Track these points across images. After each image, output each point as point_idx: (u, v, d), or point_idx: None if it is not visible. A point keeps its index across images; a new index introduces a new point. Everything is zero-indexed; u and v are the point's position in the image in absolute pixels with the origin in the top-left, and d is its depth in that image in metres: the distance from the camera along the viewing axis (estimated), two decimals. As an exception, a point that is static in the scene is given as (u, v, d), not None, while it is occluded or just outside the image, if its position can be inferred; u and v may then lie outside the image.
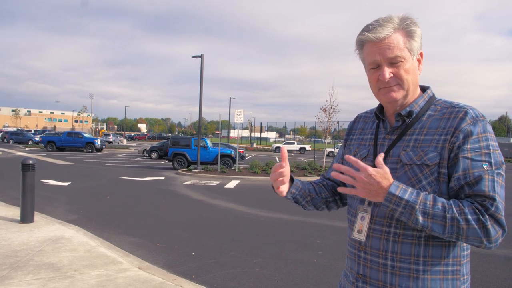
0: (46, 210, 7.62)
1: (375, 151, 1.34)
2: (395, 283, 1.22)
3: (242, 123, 19.39)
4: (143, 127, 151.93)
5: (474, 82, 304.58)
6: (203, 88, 19.37)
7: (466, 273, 1.25)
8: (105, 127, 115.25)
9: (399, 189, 1.13)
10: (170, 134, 75.16)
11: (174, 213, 8.40)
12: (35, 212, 6.51)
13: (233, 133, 71.52)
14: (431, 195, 1.14)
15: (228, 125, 78.09)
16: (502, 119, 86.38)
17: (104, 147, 33.30)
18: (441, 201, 1.12)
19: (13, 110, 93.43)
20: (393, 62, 1.22)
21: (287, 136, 76.96)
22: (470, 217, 1.09)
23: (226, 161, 18.81)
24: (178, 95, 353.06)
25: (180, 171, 17.38)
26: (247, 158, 26.35)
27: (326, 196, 1.51)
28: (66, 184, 12.02)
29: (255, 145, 58.44)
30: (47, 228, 5.99)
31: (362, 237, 1.30)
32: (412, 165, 1.21)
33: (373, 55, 1.24)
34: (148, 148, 27.52)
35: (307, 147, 46.49)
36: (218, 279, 4.40)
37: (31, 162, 6.26)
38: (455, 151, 1.17)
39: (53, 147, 30.13)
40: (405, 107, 1.29)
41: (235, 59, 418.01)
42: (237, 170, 17.13)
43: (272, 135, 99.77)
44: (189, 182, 13.74)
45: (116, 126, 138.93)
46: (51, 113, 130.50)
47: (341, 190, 1.23)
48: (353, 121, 1.54)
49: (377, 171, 1.14)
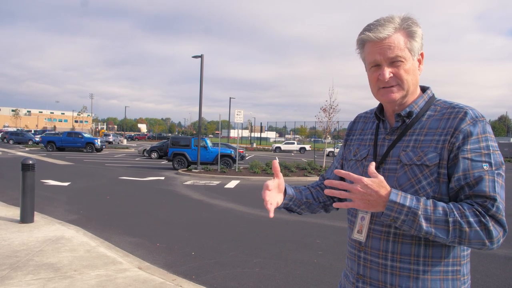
0: (46, 210, 7.62)
1: (375, 152, 1.33)
2: (395, 284, 1.21)
3: (242, 123, 19.42)
4: (143, 127, 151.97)
5: (474, 82, 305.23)
6: (203, 88, 19.42)
7: (467, 273, 1.25)
8: (105, 127, 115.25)
9: (399, 196, 1.11)
10: (170, 134, 75.15)
11: (174, 213, 8.40)
12: (35, 212, 6.51)
13: (233, 133, 71.54)
14: (430, 200, 1.13)
15: (228, 125, 78.09)
16: (502, 119, 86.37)
17: (104, 147, 33.30)
18: (441, 206, 1.11)
19: (13, 110, 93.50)
20: (393, 62, 1.22)
21: (287, 136, 76.94)
22: (472, 219, 1.08)
23: (226, 161, 18.81)
24: (178, 95, 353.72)
25: (180, 171, 17.38)
26: (247, 158, 26.34)
27: (324, 200, 1.49)
28: (66, 184, 12.02)
29: (255, 145, 58.42)
30: (47, 228, 5.99)
31: (362, 237, 1.29)
32: (412, 165, 1.21)
33: (373, 54, 1.24)
34: (148, 148, 27.52)
35: (307, 147, 46.48)
36: (218, 279, 4.40)
37: (31, 162, 6.26)
38: (454, 151, 1.16)
39: (53, 147, 30.13)
40: (405, 107, 1.29)
41: (235, 59, 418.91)
42: (237, 170, 17.14)
43: (272, 135, 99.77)
44: (189, 182, 13.74)
45: (116, 126, 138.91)
46: (51, 113, 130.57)
47: (337, 205, 1.18)
48: (353, 121, 1.54)
49: (372, 181, 1.11)
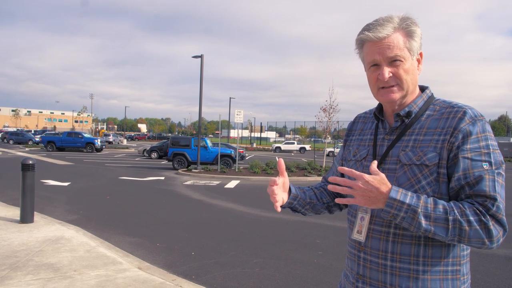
0: (46, 210, 7.62)
1: (374, 152, 1.33)
2: (395, 284, 1.21)
3: (242, 123, 19.42)
4: (143, 127, 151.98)
5: (474, 82, 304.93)
6: (203, 88, 19.42)
7: (466, 273, 1.25)
8: (105, 127, 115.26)
9: (399, 194, 1.11)
10: (170, 134, 75.16)
11: (174, 213, 8.40)
12: (35, 212, 6.51)
13: (233, 133, 71.49)
14: (431, 198, 1.13)
15: (228, 125, 78.06)
16: (502, 119, 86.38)
17: (104, 147, 33.31)
18: (441, 204, 1.11)
19: (13, 110, 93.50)
20: (393, 62, 1.22)
21: (287, 136, 76.95)
22: (472, 218, 1.08)
23: (226, 161, 18.80)
24: (178, 95, 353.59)
25: (180, 171, 17.38)
26: (247, 158, 26.34)
27: (328, 201, 1.50)
28: (66, 184, 12.02)
29: (255, 145, 58.42)
30: (46, 228, 5.98)
31: (361, 237, 1.29)
32: (411, 165, 1.21)
33: (372, 54, 1.24)
34: (148, 148, 27.52)
35: (307, 147, 46.49)
36: (218, 279, 4.39)
37: (31, 162, 6.26)
38: (454, 151, 1.16)
39: (53, 147, 30.13)
40: (404, 107, 1.29)
41: (235, 59, 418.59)
42: (237, 170, 17.13)
43: (272, 135, 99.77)
44: (189, 182, 13.74)
45: (116, 126, 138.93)
46: (51, 113, 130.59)
47: (339, 201, 1.19)
48: (352, 121, 1.54)
49: (374, 178, 1.12)
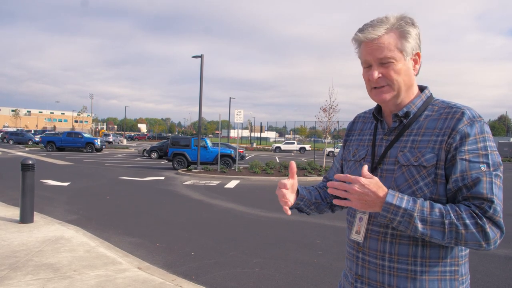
0: (46, 210, 7.61)
1: (373, 152, 1.33)
2: (393, 284, 1.21)
3: (242, 123, 19.41)
4: (143, 127, 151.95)
5: (474, 82, 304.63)
6: (203, 88, 19.41)
7: (465, 273, 1.24)
8: (105, 127, 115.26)
9: (395, 198, 1.12)
10: (170, 134, 75.14)
11: (174, 213, 8.40)
12: (35, 212, 6.50)
13: (233, 133, 71.47)
14: (428, 202, 1.13)
15: (228, 125, 78.05)
16: (502, 119, 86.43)
17: (104, 147, 33.29)
18: (438, 207, 1.11)
19: (13, 110, 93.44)
20: (383, 63, 1.23)
21: (287, 136, 76.92)
22: (468, 221, 1.08)
23: (226, 161, 18.80)
24: (178, 95, 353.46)
25: (180, 171, 17.37)
26: (247, 158, 26.34)
27: (331, 201, 1.50)
28: (66, 184, 12.01)
29: (255, 145, 58.42)
30: (46, 229, 5.98)
31: (360, 238, 1.29)
32: (409, 166, 1.20)
33: (365, 55, 1.26)
34: (148, 148, 27.51)
35: (307, 147, 46.49)
36: (218, 279, 4.39)
37: (30, 162, 6.26)
38: (452, 152, 1.16)
39: (53, 147, 30.11)
40: (402, 107, 1.28)
41: (235, 59, 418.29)
42: (237, 170, 17.13)
43: (272, 135, 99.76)
44: (189, 182, 13.74)
45: (116, 126, 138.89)
46: (51, 113, 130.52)
47: (337, 202, 1.20)
48: (352, 121, 1.54)
49: (369, 181, 1.13)
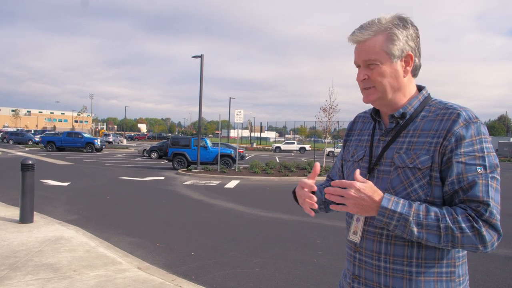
0: (46, 210, 7.61)
1: (370, 153, 1.32)
2: (389, 285, 1.21)
3: (242, 123, 19.40)
4: (143, 127, 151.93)
5: (474, 82, 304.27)
6: (203, 88, 19.40)
7: (462, 275, 1.23)
8: (105, 127, 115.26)
9: (391, 202, 1.12)
10: (170, 134, 75.13)
11: (174, 213, 8.39)
12: (35, 212, 6.50)
13: (233, 133, 71.45)
14: (424, 205, 1.12)
15: (228, 125, 78.02)
16: (502, 119, 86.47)
17: (104, 147, 33.28)
18: (433, 211, 1.11)
19: (13, 110, 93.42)
20: (369, 65, 1.24)
21: (287, 136, 76.95)
22: (464, 225, 1.07)
23: (226, 161, 18.80)
24: (178, 95, 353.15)
25: (180, 171, 17.37)
26: (247, 158, 26.35)
27: None
28: (66, 184, 12.01)
29: (255, 145, 58.42)
30: (46, 229, 5.98)
31: (357, 238, 1.30)
32: (404, 168, 1.20)
33: (355, 56, 1.29)
34: (148, 148, 27.51)
35: (307, 147, 46.50)
36: (218, 279, 4.39)
37: (30, 162, 6.25)
38: (447, 154, 1.14)
39: (53, 147, 30.11)
40: (398, 108, 1.27)
41: (235, 59, 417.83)
42: (237, 170, 17.13)
43: (272, 135, 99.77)
44: (189, 182, 13.73)
45: (116, 126, 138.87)
46: (51, 113, 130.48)
47: (333, 207, 1.20)
48: (352, 121, 1.53)
49: (365, 185, 1.13)
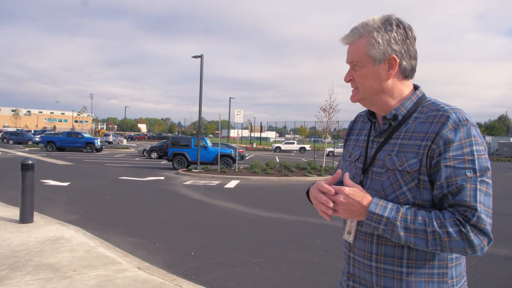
0: (46, 210, 7.61)
1: (366, 154, 1.32)
2: (380, 284, 1.22)
3: (242, 123, 19.40)
4: (143, 127, 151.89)
5: (474, 82, 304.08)
6: (203, 88, 19.40)
7: (456, 276, 1.21)
8: (105, 127, 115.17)
9: (379, 207, 1.13)
10: (170, 134, 75.10)
11: (174, 213, 8.39)
12: (35, 212, 6.50)
13: (233, 133, 71.44)
14: (412, 209, 1.12)
15: (228, 125, 77.98)
16: (502, 119, 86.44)
17: (104, 147, 33.28)
18: (421, 215, 1.10)
19: (13, 110, 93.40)
20: (354, 66, 1.26)
21: (287, 136, 76.89)
22: (451, 229, 1.06)
23: (226, 161, 18.80)
24: (178, 95, 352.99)
25: (180, 171, 17.37)
26: (247, 158, 26.35)
27: None
28: (66, 184, 12.01)
29: (255, 145, 58.41)
30: (46, 229, 5.98)
31: (350, 238, 1.31)
32: (394, 170, 1.19)
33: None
34: (148, 148, 27.50)
35: (307, 147, 46.50)
36: (217, 279, 4.39)
37: (30, 162, 6.25)
38: (436, 158, 1.13)
39: (53, 147, 30.10)
40: (391, 110, 1.26)
41: (235, 59, 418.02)
42: (237, 170, 17.12)
43: (272, 135, 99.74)
44: (189, 182, 13.73)
45: (116, 126, 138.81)
46: (51, 113, 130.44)
47: (322, 214, 1.22)
48: (353, 120, 1.52)
49: (354, 190, 1.15)
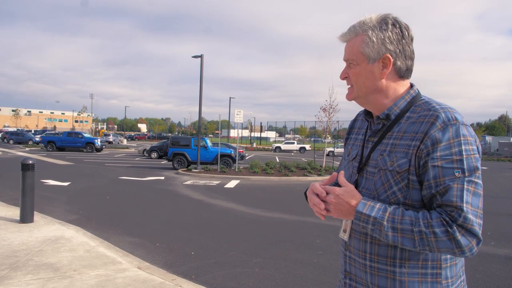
0: (46, 210, 7.61)
1: (362, 153, 1.33)
2: (374, 283, 1.23)
3: (242, 123, 19.39)
4: (143, 127, 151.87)
5: (474, 82, 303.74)
6: (203, 88, 19.40)
7: (451, 277, 1.20)
8: (105, 127, 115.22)
9: (366, 207, 1.14)
10: (170, 134, 75.09)
11: (174, 213, 8.39)
12: (35, 212, 6.50)
13: (233, 133, 71.41)
14: (400, 209, 1.12)
15: (228, 125, 78.01)
16: (502, 119, 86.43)
17: (104, 147, 33.27)
18: (408, 215, 1.10)
19: (13, 110, 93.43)
20: (349, 64, 1.27)
21: (287, 135, 76.89)
22: (438, 229, 1.06)
23: (226, 161, 18.80)
24: (178, 95, 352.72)
25: (180, 171, 17.37)
26: (247, 158, 26.34)
27: None
28: (66, 184, 12.01)
29: (255, 145, 58.42)
30: (46, 228, 5.98)
31: (346, 236, 1.32)
32: (386, 170, 1.20)
33: None
34: (148, 148, 27.51)
35: (307, 146, 46.51)
36: (218, 279, 4.39)
37: (31, 162, 6.25)
38: (424, 158, 1.12)
39: (53, 147, 30.11)
40: (384, 109, 1.26)
41: (235, 59, 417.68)
42: (237, 170, 17.12)
43: (272, 134, 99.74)
44: (189, 182, 13.73)
45: (116, 126, 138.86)
46: (51, 113, 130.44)
47: (318, 215, 1.26)
48: (354, 119, 1.52)
49: (344, 190, 1.16)
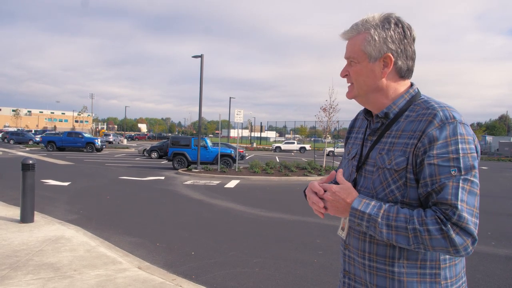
0: (46, 210, 7.61)
1: (361, 152, 1.33)
2: (373, 282, 1.23)
3: (242, 123, 19.41)
4: (143, 127, 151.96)
5: (474, 82, 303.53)
6: (203, 88, 19.40)
7: (451, 277, 1.19)
8: (105, 127, 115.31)
9: (361, 204, 1.15)
10: (170, 134, 75.11)
11: (174, 213, 8.40)
12: (35, 212, 6.50)
13: (233, 132, 71.48)
14: (395, 207, 1.12)
15: (228, 125, 77.98)
16: (503, 118, 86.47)
17: (104, 147, 33.29)
18: (403, 213, 1.10)
19: (13, 110, 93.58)
20: (350, 62, 1.27)
21: (287, 135, 76.89)
22: (432, 227, 1.06)
23: (226, 161, 18.80)
24: (178, 95, 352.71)
25: (180, 170, 17.37)
26: (247, 158, 26.34)
27: None
28: (66, 184, 12.01)
29: (255, 144, 58.43)
30: (47, 228, 5.98)
31: (344, 234, 1.32)
32: (384, 168, 1.20)
33: None
34: (148, 148, 27.53)
35: (307, 146, 46.51)
36: (218, 279, 4.39)
37: (31, 162, 6.25)
38: (421, 156, 1.13)
39: (53, 147, 30.13)
40: (383, 108, 1.26)
41: (235, 59, 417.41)
42: (237, 170, 17.13)
43: (272, 134, 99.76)
44: (189, 182, 13.74)
45: (116, 126, 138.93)
46: (52, 113, 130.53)
47: (316, 212, 1.27)
48: (354, 118, 1.52)
49: (341, 188, 1.18)
